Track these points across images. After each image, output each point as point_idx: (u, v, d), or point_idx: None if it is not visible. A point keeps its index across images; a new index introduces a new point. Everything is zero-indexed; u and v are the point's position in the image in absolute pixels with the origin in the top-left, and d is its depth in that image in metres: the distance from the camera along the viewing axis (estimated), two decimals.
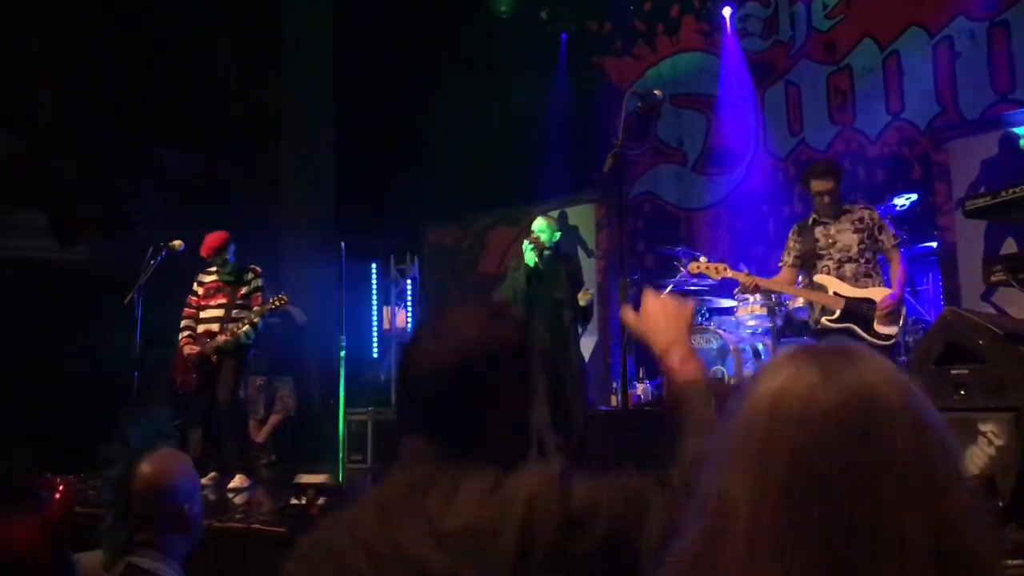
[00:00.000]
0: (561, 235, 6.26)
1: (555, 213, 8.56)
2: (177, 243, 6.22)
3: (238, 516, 4.76)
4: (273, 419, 8.03)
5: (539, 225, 6.05)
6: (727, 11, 8.23)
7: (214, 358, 6.06)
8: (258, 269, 6.31)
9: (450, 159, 9.13)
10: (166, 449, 2.30)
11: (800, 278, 5.27)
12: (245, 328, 6.07)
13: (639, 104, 4.57)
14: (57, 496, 2.51)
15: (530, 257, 5.86)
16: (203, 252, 6.11)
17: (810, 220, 5.16)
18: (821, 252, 5.06)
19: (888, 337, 4.87)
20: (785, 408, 0.83)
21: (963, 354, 3.97)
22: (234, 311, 6.12)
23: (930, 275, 6.67)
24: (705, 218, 8.43)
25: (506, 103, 8.92)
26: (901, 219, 6.31)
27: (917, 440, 0.81)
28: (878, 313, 4.86)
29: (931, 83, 7.23)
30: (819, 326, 5.04)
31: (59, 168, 7.08)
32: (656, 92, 4.18)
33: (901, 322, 4.96)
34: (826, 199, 5.04)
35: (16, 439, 2.45)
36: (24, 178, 7.44)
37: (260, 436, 7.98)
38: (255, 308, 6.13)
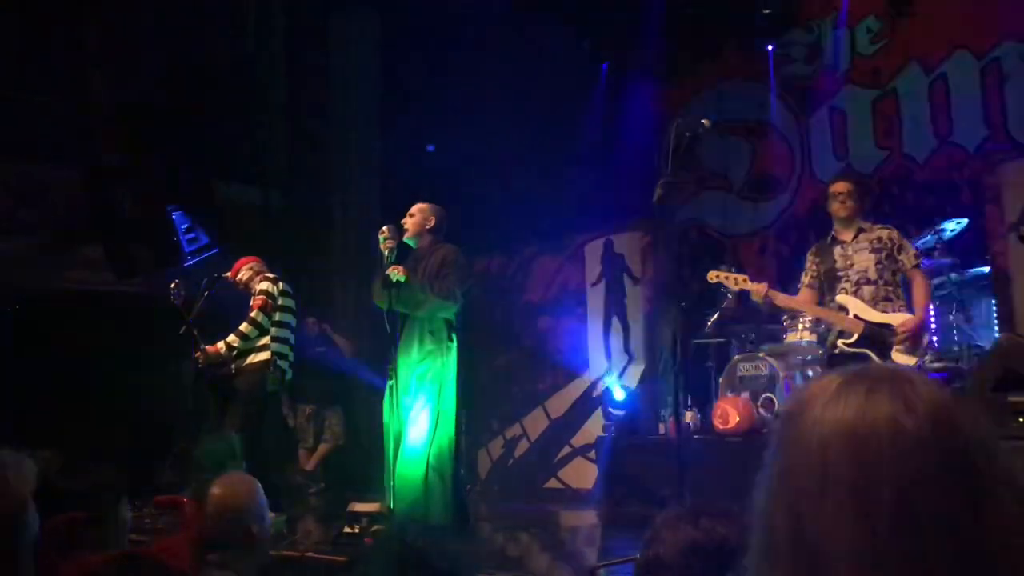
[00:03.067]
0: (439, 221, 5.35)
1: (598, 241, 8.60)
2: (230, 275, 6.29)
3: (291, 544, 4.82)
4: (322, 448, 8.13)
5: (413, 210, 5.36)
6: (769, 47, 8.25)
7: (203, 380, 5.76)
8: (270, 275, 5.94)
9: (495, 189, 9.22)
10: (236, 472, 2.37)
11: (824, 299, 5.06)
12: (230, 339, 5.65)
13: (686, 133, 4.59)
14: (189, 514, 2.60)
15: (387, 253, 5.06)
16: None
17: (828, 239, 5.04)
18: (839, 274, 4.91)
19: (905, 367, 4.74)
20: (875, 440, 0.81)
21: (1021, 381, 3.92)
22: (242, 324, 5.76)
23: (984, 300, 6.57)
24: (751, 244, 8.40)
25: (548, 133, 9.00)
26: (952, 244, 6.23)
27: (997, 457, 0.82)
28: (897, 340, 4.66)
29: (979, 106, 7.16)
30: (836, 350, 4.88)
31: (117, 202, 7.28)
32: (703, 121, 4.20)
33: (922, 351, 4.69)
34: (842, 201, 4.88)
35: (106, 463, 2.54)
36: (84, 213, 7.67)
37: (309, 465, 8.07)
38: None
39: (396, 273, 5.03)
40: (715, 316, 7.16)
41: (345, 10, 9.54)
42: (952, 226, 6.33)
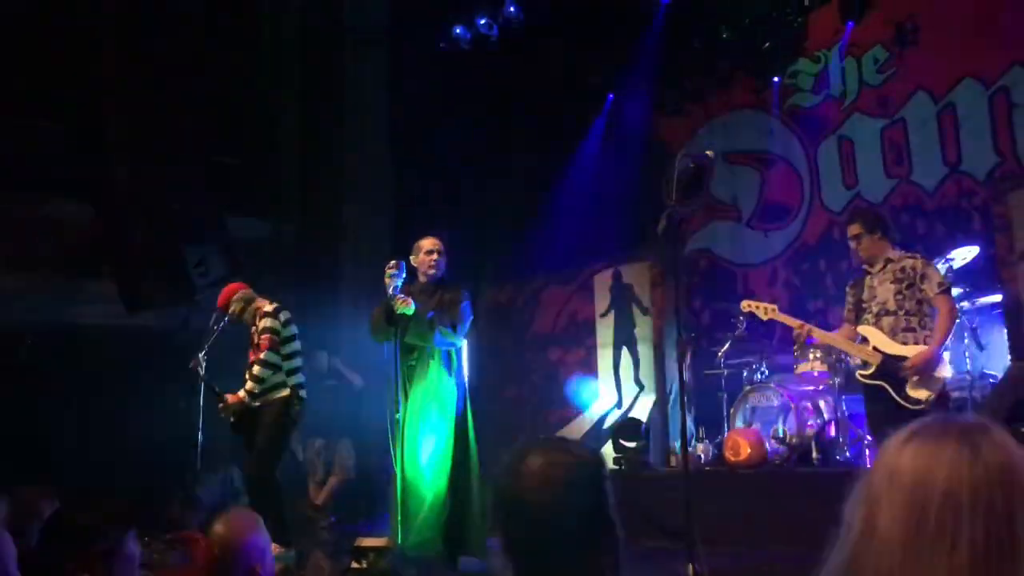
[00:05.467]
0: (444, 259, 5.34)
1: (606, 272, 8.59)
2: (218, 305, 6.21)
3: None
4: (332, 481, 8.08)
5: (425, 246, 5.34)
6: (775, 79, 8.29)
7: (230, 420, 5.72)
8: (268, 309, 5.77)
9: (505, 220, 9.25)
10: (237, 509, 2.36)
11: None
12: (248, 387, 5.62)
13: (691, 164, 4.61)
14: (202, 550, 2.58)
15: (391, 289, 5.05)
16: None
17: (862, 271, 5.05)
18: (864, 305, 4.91)
19: (918, 402, 4.54)
20: (931, 483, 1.09)
21: None
22: (254, 367, 5.71)
23: (995, 329, 6.51)
24: (761, 274, 8.37)
25: (556, 164, 9.04)
26: (963, 272, 6.20)
27: None
28: (907, 376, 4.59)
29: (989, 134, 7.15)
30: (859, 381, 4.89)
31: (129, 237, 7.33)
32: (708, 152, 4.21)
33: (937, 386, 4.56)
34: (854, 246, 4.93)
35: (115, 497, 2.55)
36: (96, 247, 7.72)
37: (319, 499, 8.02)
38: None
39: (405, 306, 5.03)
40: (726, 346, 7.12)
41: (355, 47, 9.64)
42: (963, 254, 6.30)
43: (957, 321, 4.90)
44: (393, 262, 5.20)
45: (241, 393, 5.66)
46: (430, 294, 5.29)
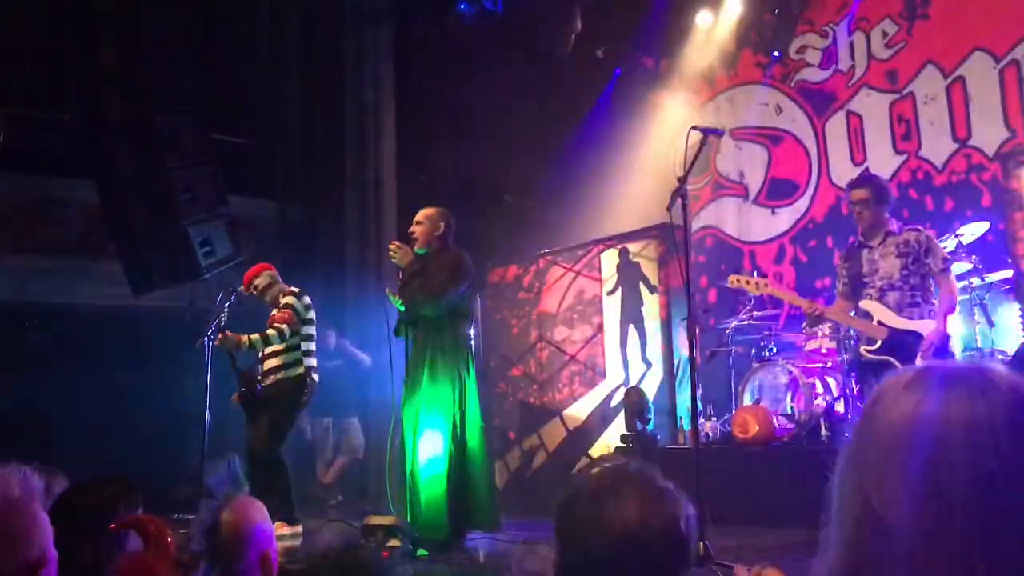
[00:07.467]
0: (447, 226, 5.30)
1: (613, 250, 8.55)
2: (243, 281, 6.26)
3: (308, 557, 4.79)
4: (340, 460, 8.10)
5: (420, 217, 5.31)
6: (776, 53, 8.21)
7: (237, 398, 5.81)
8: (294, 290, 6.00)
9: (511, 197, 9.21)
10: (243, 496, 2.36)
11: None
12: (253, 337, 5.72)
13: (700, 139, 4.56)
14: (152, 531, 2.56)
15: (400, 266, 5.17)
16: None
17: (856, 243, 4.96)
18: (865, 279, 4.82)
19: None
20: (949, 429, 0.85)
21: None
22: (268, 329, 5.86)
23: (1007, 305, 6.46)
24: (769, 251, 8.33)
25: (562, 140, 8.99)
26: (973, 248, 6.14)
27: None
28: (922, 351, 4.53)
29: (999, 108, 7.07)
30: (861, 357, 4.79)
31: (133, 217, 7.30)
32: (718, 127, 4.16)
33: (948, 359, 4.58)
34: (860, 211, 4.82)
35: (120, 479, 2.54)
36: (101, 228, 7.69)
37: (327, 477, 8.05)
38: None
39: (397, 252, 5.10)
40: (733, 324, 7.09)
41: (359, 24, 9.57)
42: (972, 230, 6.25)
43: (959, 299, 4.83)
44: (393, 243, 5.29)
45: (244, 337, 5.73)
46: (425, 264, 5.25)
